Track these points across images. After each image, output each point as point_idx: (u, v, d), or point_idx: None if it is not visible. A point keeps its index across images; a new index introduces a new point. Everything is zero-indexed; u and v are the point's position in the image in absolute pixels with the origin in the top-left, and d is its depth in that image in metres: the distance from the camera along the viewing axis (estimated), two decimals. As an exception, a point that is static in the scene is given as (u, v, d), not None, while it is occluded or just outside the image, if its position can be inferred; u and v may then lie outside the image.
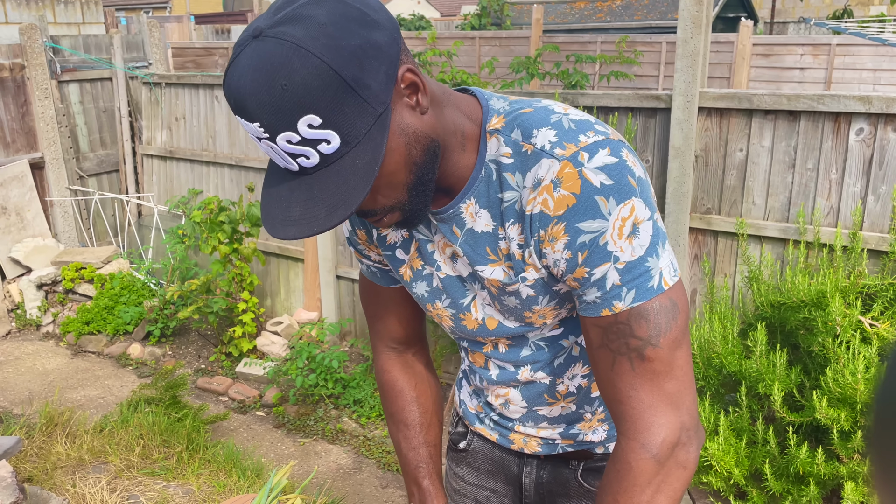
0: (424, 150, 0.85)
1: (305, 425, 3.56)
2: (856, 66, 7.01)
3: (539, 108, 0.92)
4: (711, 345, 2.60)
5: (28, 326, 4.73)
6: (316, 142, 0.77)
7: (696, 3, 2.84)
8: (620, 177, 0.84)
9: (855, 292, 2.52)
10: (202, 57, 7.21)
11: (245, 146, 4.59)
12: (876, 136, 2.64)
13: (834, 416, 2.25)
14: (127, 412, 3.43)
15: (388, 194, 0.85)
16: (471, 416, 1.24)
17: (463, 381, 1.27)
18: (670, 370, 0.88)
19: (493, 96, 0.97)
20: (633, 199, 0.85)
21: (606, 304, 0.87)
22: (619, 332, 0.88)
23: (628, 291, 0.86)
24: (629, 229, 0.84)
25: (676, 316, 0.87)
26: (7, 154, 5.05)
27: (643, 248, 0.85)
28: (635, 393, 0.88)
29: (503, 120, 0.92)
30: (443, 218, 0.97)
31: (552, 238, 0.87)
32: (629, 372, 0.88)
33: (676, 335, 0.87)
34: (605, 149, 0.86)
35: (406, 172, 0.84)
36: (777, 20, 13.82)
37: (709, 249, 3.09)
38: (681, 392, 0.89)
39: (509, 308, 0.99)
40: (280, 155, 0.80)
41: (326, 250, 4.17)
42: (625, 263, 0.85)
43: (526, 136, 0.89)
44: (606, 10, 10.93)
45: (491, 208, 0.93)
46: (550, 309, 0.98)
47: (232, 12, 16.70)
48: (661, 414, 0.88)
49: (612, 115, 3.14)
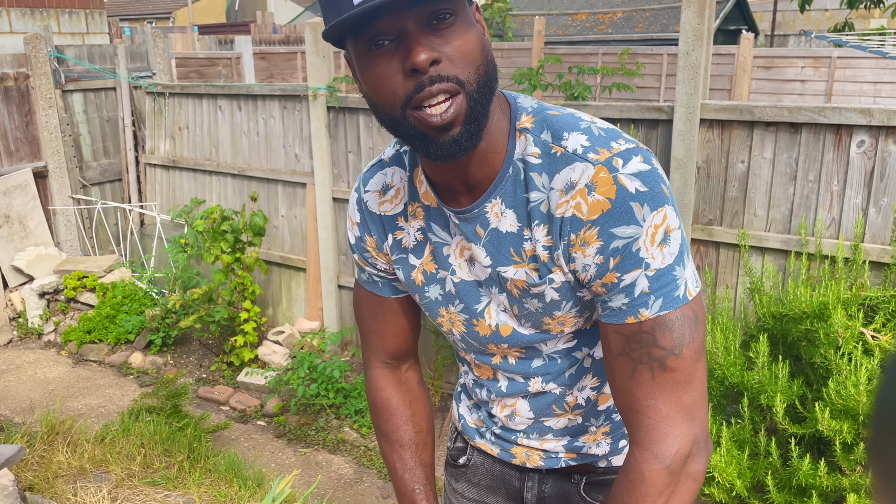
0: (492, 62, 0.86)
1: (307, 435, 3.56)
2: (857, 78, 7.03)
3: (566, 113, 0.93)
4: (714, 356, 2.60)
5: (30, 335, 4.74)
6: None
7: (697, 17, 2.85)
8: (654, 184, 0.85)
9: (857, 304, 2.53)
10: (205, 67, 7.24)
11: (248, 156, 4.60)
12: (877, 148, 2.65)
13: (836, 427, 2.24)
14: (128, 421, 3.43)
15: (463, 63, 0.82)
16: (470, 430, 1.22)
17: (462, 395, 1.25)
18: (690, 381, 0.88)
19: (519, 95, 0.96)
20: (667, 207, 0.85)
21: (632, 312, 0.87)
22: (641, 341, 0.87)
23: (656, 300, 0.86)
24: (661, 237, 0.85)
25: (698, 327, 0.88)
26: (11, 163, 5.07)
27: (672, 256, 0.86)
28: (653, 402, 0.88)
29: (532, 119, 0.92)
30: (467, 217, 0.95)
31: (584, 242, 0.87)
32: (649, 381, 0.88)
33: (698, 346, 0.88)
34: (638, 156, 0.86)
35: (480, 55, 0.84)
36: (778, 32, 13.87)
37: (711, 260, 3.09)
38: (697, 404, 0.89)
39: (529, 312, 0.98)
40: None
41: (328, 260, 4.17)
42: (655, 271, 0.85)
43: (556, 138, 0.89)
44: (608, 22, 10.97)
45: (517, 208, 0.92)
46: (571, 316, 0.97)
47: (235, 23, 16.78)
48: (677, 425, 0.88)
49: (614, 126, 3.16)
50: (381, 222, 1.07)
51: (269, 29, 13.49)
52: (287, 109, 4.32)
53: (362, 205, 1.09)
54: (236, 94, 4.59)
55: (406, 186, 1.04)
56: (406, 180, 1.04)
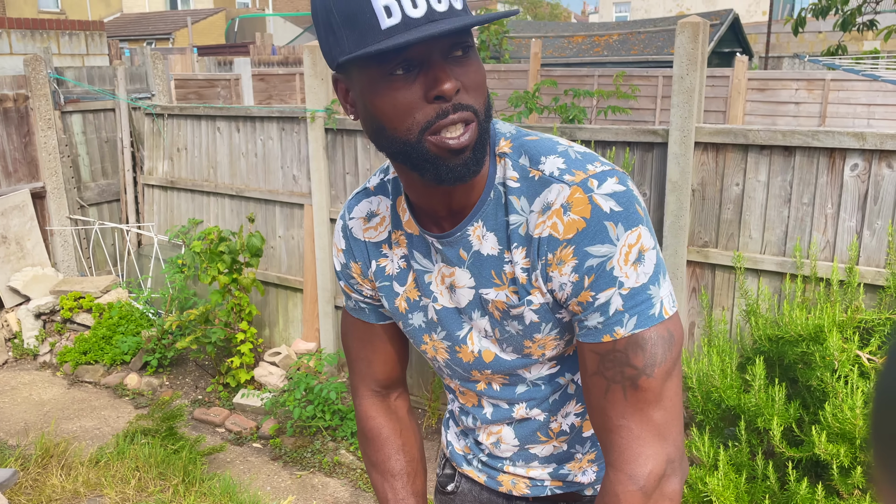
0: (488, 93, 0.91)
1: (302, 457, 3.54)
2: (850, 101, 7.10)
3: (544, 138, 0.95)
4: (710, 378, 2.60)
5: (25, 356, 4.72)
6: None
7: (691, 41, 2.89)
8: (629, 204, 0.87)
9: (852, 327, 2.53)
10: (204, 88, 7.28)
11: (246, 177, 4.62)
12: (870, 171, 2.68)
13: (833, 451, 2.24)
14: (123, 444, 3.41)
15: (477, 93, 0.87)
16: (458, 457, 1.22)
17: (450, 422, 1.25)
18: (660, 400, 0.89)
19: (498, 121, 0.99)
20: (641, 227, 0.87)
21: (607, 330, 0.88)
22: (615, 360, 0.88)
23: (630, 318, 0.87)
24: (635, 256, 0.86)
25: (672, 347, 0.89)
26: (9, 183, 5.08)
27: (647, 275, 0.87)
28: (625, 422, 0.89)
29: (510, 144, 0.95)
30: (449, 241, 0.97)
31: (560, 261, 0.89)
32: (621, 401, 0.89)
33: (669, 366, 0.89)
34: (614, 177, 0.89)
35: (486, 87, 0.89)
36: (772, 55, 14.00)
37: (706, 282, 3.10)
38: (668, 423, 0.89)
39: (510, 336, 0.99)
40: None
41: (325, 280, 4.18)
42: (629, 290, 0.87)
43: (534, 163, 0.92)
44: (604, 44, 11.07)
45: (497, 231, 0.94)
46: (551, 339, 0.98)
47: (234, 44, 16.89)
48: (649, 445, 0.88)
49: (609, 149, 3.18)
50: (366, 249, 1.08)
51: (268, 50, 13.58)
52: (285, 131, 4.34)
53: (347, 231, 1.10)
54: (235, 116, 4.61)
55: (390, 215, 1.06)
56: (390, 208, 1.06)
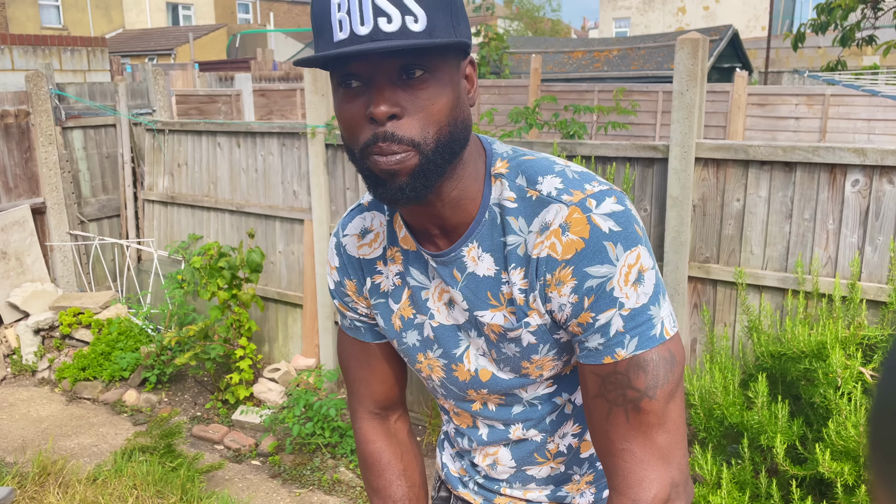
0: (463, 122, 0.86)
1: (302, 475, 3.51)
2: (850, 116, 7.11)
3: (541, 157, 0.94)
4: (712, 395, 2.58)
5: (24, 372, 4.70)
6: (408, 11, 0.79)
7: (691, 57, 2.89)
8: (627, 224, 0.86)
9: (855, 343, 2.52)
10: (205, 104, 7.30)
11: (246, 192, 4.62)
12: (872, 187, 2.67)
13: (838, 469, 2.22)
14: (121, 461, 3.38)
15: (424, 122, 0.83)
16: (453, 479, 1.20)
17: (445, 444, 1.23)
18: (662, 423, 0.87)
19: (495, 141, 0.98)
20: (640, 247, 0.86)
21: (608, 352, 0.87)
22: (617, 382, 0.87)
23: (631, 339, 0.86)
24: (635, 276, 0.85)
25: (673, 368, 0.87)
26: (9, 199, 5.08)
27: (647, 295, 0.86)
28: (628, 446, 0.88)
29: (507, 164, 0.94)
30: (443, 261, 0.96)
31: (559, 282, 0.87)
32: (623, 424, 0.88)
33: (671, 388, 0.87)
34: (612, 197, 0.88)
35: (446, 119, 0.84)
36: (771, 70, 14.05)
37: (708, 298, 3.09)
38: (672, 446, 0.88)
39: (507, 357, 0.98)
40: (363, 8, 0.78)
41: (325, 296, 4.16)
42: (629, 310, 0.86)
43: (531, 183, 0.91)
44: (604, 59, 11.12)
45: (494, 252, 0.93)
46: (549, 359, 0.97)
47: (235, 60, 16.97)
48: (653, 469, 0.87)
49: (609, 164, 3.18)
50: (360, 266, 1.07)
51: (269, 66, 13.64)
52: (286, 146, 4.35)
53: (341, 249, 1.09)
54: (235, 131, 4.62)
55: (385, 231, 1.05)
56: (385, 225, 1.05)
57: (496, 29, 11.25)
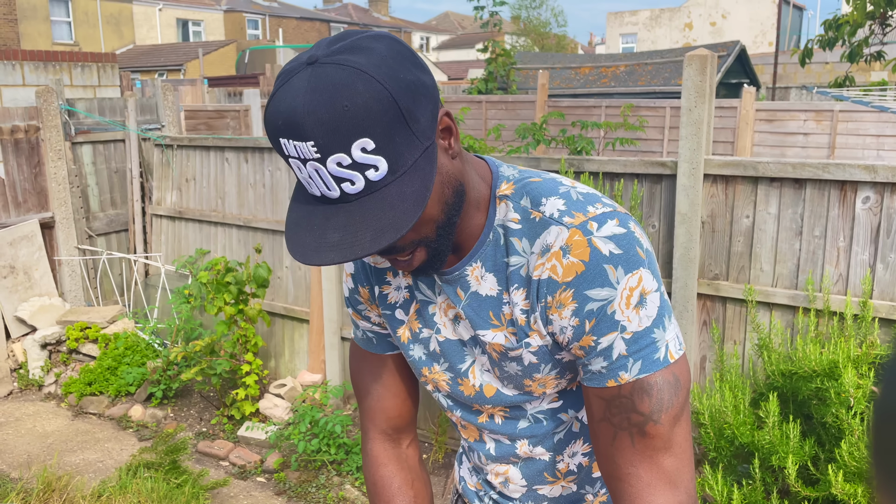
0: (454, 191, 0.87)
1: (307, 493, 3.48)
2: (859, 132, 7.08)
3: (548, 179, 0.94)
4: (723, 414, 2.55)
5: (30, 386, 4.69)
6: (365, 167, 0.78)
7: (699, 74, 2.88)
8: (629, 247, 0.85)
9: (867, 362, 2.48)
10: (214, 119, 7.34)
11: (254, 207, 4.63)
12: (882, 204, 2.65)
13: (851, 491, 2.18)
14: (126, 478, 3.36)
15: (419, 229, 0.85)
16: (470, 493, 1.20)
17: (463, 457, 1.23)
18: (669, 447, 0.87)
19: (502, 164, 0.99)
20: (642, 270, 0.85)
21: (612, 375, 0.87)
22: (621, 406, 0.87)
23: (634, 362, 0.85)
24: (637, 299, 0.85)
25: (678, 391, 0.87)
26: (18, 213, 5.10)
27: (650, 318, 0.85)
28: (634, 470, 0.87)
29: (513, 186, 0.94)
30: (448, 279, 0.97)
31: (560, 304, 0.87)
32: (629, 448, 0.87)
33: (677, 411, 0.87)
34: (614, 220, 0.87)
35: (438, 209, 0.86)
36: (779, 85, 14.05)
37: (717, 316, 3.06)
38: (679, 469, 0.87)
39: (509, 375, 0.98)
40: (324, 179, 0.79)
41: (332, 311, 4.15)
42: (632, 334, 0.85)
43: (535, 204, 0.91)
44: (611, 75, 11.14)
45: (497, 272, 0.94)
46: (551, 378, 0.97)
47: (244, 75, 17.10)
48: (660, 493, 0.86)
49: (617, 181, 3.16)
50: (371, 273, 1.08)
51: (278, 81, 13.70)
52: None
53: None
54: (243, 147, 4.63)
55: None
56: None
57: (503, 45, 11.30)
